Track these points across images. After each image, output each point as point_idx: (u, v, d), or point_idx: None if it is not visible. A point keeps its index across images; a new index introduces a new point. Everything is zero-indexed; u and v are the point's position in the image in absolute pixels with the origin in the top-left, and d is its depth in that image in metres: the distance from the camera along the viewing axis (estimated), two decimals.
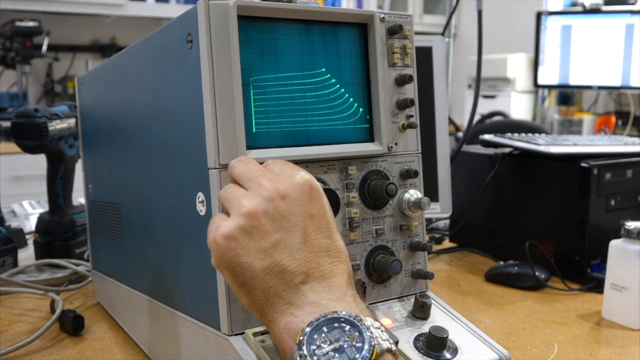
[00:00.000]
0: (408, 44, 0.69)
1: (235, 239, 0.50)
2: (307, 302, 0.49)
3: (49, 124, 1.06)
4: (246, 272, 0.50)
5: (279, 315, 0.49)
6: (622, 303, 0.92)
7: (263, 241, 0.50)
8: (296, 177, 0.53)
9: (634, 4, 3.41)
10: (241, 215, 0.50)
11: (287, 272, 0.49)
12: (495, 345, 0.64)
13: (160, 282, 0.73)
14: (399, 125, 0.69)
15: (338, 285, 0.50)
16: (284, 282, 0.49)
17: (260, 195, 0.51)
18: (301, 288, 0.49)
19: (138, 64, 0.74)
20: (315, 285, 0.50)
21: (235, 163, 0.55)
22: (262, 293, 0.50)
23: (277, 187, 0.52)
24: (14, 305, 0.99)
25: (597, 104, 3.78)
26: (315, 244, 0.51)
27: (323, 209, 0.53)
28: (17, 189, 2.67)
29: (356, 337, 0.45)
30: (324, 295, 0.49)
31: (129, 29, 3.73)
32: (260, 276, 0.49)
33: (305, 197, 0.52)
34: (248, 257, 0.50)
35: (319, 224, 0.52)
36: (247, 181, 0.53)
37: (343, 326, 0.46)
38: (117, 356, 0.81)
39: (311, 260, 0.50)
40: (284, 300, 0.49)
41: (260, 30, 0.61)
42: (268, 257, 0.50)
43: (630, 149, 1.20)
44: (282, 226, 0.51)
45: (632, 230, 0.91)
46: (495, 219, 1.26)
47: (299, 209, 0.51)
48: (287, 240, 0.50)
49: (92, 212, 0.98)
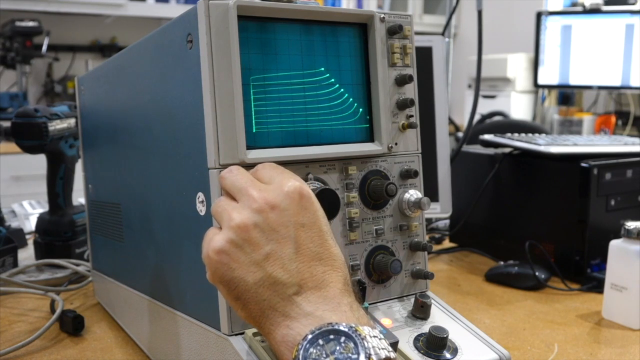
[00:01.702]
0: (408, 44, 0.69)
1: (227, 253, 0.50)
2: (302, 313, 0.49)
3: (49, 124, 1.06)
4: (239, 286, 0.50)
5: (275, 328, 0.49)
6: (622, 303, 0.92)
7: (254, 254, 0.50)
8: (285, 185, 0.52)
9: (634, 4, 3.41)
10: (231, 229, 0.50)
11: (279, 284, 0.49)
12: (495, 345, 0.64)
13: (160, 282, 0.73)
14: (399, 125, 0.69)
15: (332, 294, 0.50)
16: (277, 294, 0.49)
17: (249, 208, 0.51)
18: (295, 299, 0.49)
19: (138, 64, 0.74)
20: (310, 296, 0.49)
21: (225, 174, 0.55)
22: (256, 306, 0.50)
23: (266, 197, 0.51)
24: (14, 305, 0.99)
25: (597, 104, 3.78)
26: (307, 253, 0.51)
27: (315, 216, 0.53)
28: (17, 189, 2.67)
29: (352, 348, 0.45)
30: (319, 305, 0.49)
31: (129, 29, 3.73)
32: (253, 289, 0.49)
33: (295, 206, 0.52)
34: (240, 270, 0.50)
35: (311, 233, 0.52)
36: (237, 192, 0.53)
37: (339, 337, 0.46)
38: (117, 356, 0.81)
39: (303, 271, 0.50)
40: (279, 312, 0.49)
41: (260, 30, 0.61)
42: (260, 269, 0.50)
43: (630, 149, 1.20)
44: (272, 238, 0.50)
45: (632, 230, 0.91)
46: (495, 219, 1.26)
47: (289, 219, 0.51)
48: (278, 251, 0.50)
49: (92, 212, 0.98)
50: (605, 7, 3.40)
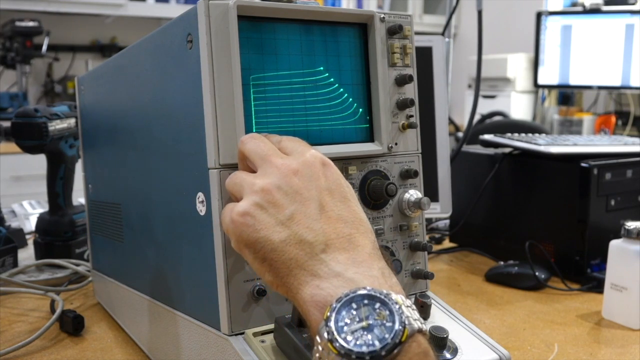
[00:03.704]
0: (408, 44, 0.69)
1: (252, 215, 0.50)
2: (331, 273, 0.47)
3: (49, 124, 1.06)
4: (265, 246, 0.49)
5: (303, 287, 0.48)
6: (622, 303, 0.92)
7: (279, 215, 0.50)
8: (307, 154, 0.53)
9: (634, 4, 3.41)
10: (255, 193, 0.51)
11: (306, 243, 0.49)
12: (495, 345, 0.64)
13: (160, 282, 0.73)
14: (399, 125, 0.69)
15: (362, 258, 0.49)
16: (304, 252, 0.48)
17: (272, 174, 0.51)
18: (323, 258, 0.48)
19: (138, 64, 0.74)
20: (338, 256, 0.48)
21: (246, 139, 0.55)
22: (283, 265, 0.49)
23: (288, 164, 0.52)
24: (14, 305, 0.99)
25: (597, 104, 3.78)
26: (332, 215, 0.50)
27: (337, 182, 0.53)
28: (17, 189, 2.67)
29: (386, 316, 0.44)
30: (348, 267, 0.48)
31: (129, 29, 3.73)
32: (279, 248, 0.49)
33: (318, 172, 0.52)
34: (265, 231, 0.49)
35: (335, 196, 0.52)
36: (258, 159, 0.53)
37: (373, 303, 0.44)
38: (117, 356, 0.81)
39: (329, 232, 0.50)
40: (307, 271, 0.48)
41: (260, 30, 0.61)
42: (285, 229, 0.49)
43: (630, 149, 1.20)
44: (296, 199, 0.50)
45: (632, 230, 0.91)
46: (495, 219, 1.26)
47: (312, 183, 0.51)
48: (302, 212, 0.50)
49: (92, 212, 0.98)
50: (605, 7, 3.40)
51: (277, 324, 0.57)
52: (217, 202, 0.57)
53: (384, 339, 0.42)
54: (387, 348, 0.42)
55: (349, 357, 0.42)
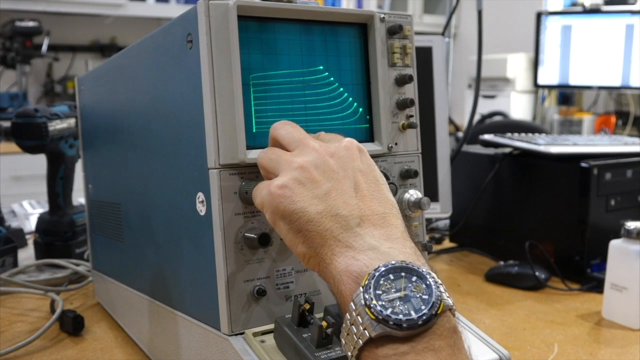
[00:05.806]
0: (408, 44, 0.69)
1: (290, 188, 0.51)
2: (366, 246, 0.49)
3: (49, 124, 1.06)
4: (301, 217, 0.50)
5: (337, 257, 0.49)
6: (622, 303, 0.92)
7: (316, 190, 0.51)
8: (345, 140, 0.55)
9: (634, 4, 3.41)
10: (293, 169, 0.52)
11: (341, 217, 0.50)
12: (495, 345, 0.64)
13: (160, 282, 0.73)
14: (399, 125, 0.69)
15: (395, 235, 0.51)
16: (340, 225, 0.50)
17: (309, 154, 0.53)
18: (358, 231, 0.50)
19: (138, 64, 0.74)
20: (373, 231, 0.50)
21: (279, 124, 0.56)
22: (318, 236, 0.50)
23: (326, 147, 0.54)
24: (14, 305, 0.99)
25: (597, 104, 3.78)
26: (366, 194, 0.52)
27: (371, 167, 0.55)
28: (17, 189, 2.67)
29: (423, 289, 0.45)
30: (383, 242, 0.49)
31: (129, 29, 3.73)
32: (315, 219, 0.50)
33: (353, 155, 0.54)
34: (302, 203, 0.51)
35: (368, 178, 0.54)
36: (294, 142, 0.55)
37: (410, 276, 0.46)
38: (117, 356, 0.81)
39: (364, 208, 0.51)
40: (342, 242, 0.49)
41: (260, 30, 0.61)
42: (322, 202, 0.51)
43: (630, 149, 1.20)
44: (333, 177, 0.52)
45: (632, 230, 0.91)
46: (495, 219, 1.26)
47: (348, 164, 0.53)
48: (338, 188, 0.52)
49: (92, 212, 0.98)
50: (605, 7, 3.41)
51: (277, 324, 0.57)
52: (217, 202, 0.57)
53: (420, 309, 0.44)
54: (424, 318, 0.44)
55: (385, 323, 0.44)
